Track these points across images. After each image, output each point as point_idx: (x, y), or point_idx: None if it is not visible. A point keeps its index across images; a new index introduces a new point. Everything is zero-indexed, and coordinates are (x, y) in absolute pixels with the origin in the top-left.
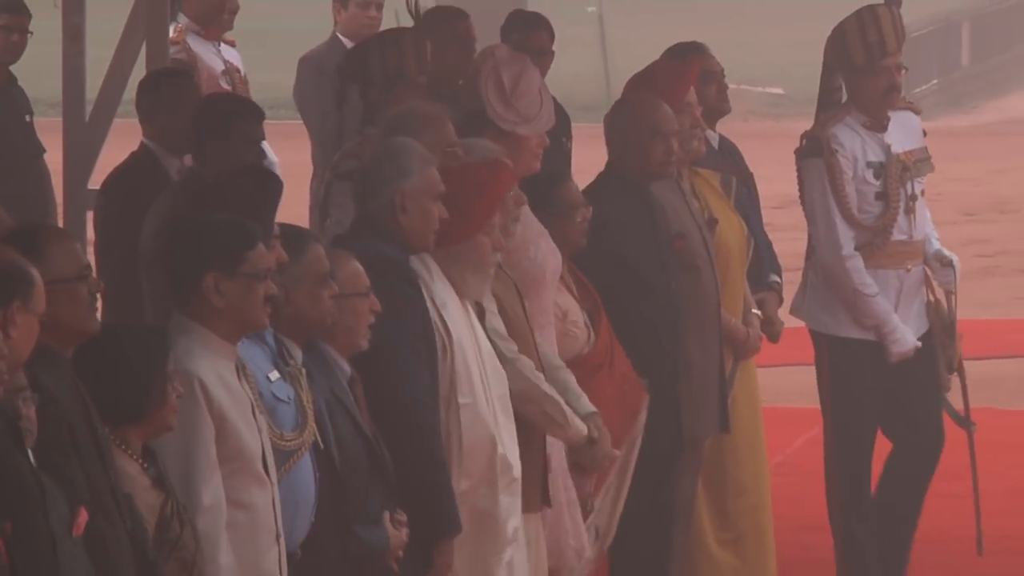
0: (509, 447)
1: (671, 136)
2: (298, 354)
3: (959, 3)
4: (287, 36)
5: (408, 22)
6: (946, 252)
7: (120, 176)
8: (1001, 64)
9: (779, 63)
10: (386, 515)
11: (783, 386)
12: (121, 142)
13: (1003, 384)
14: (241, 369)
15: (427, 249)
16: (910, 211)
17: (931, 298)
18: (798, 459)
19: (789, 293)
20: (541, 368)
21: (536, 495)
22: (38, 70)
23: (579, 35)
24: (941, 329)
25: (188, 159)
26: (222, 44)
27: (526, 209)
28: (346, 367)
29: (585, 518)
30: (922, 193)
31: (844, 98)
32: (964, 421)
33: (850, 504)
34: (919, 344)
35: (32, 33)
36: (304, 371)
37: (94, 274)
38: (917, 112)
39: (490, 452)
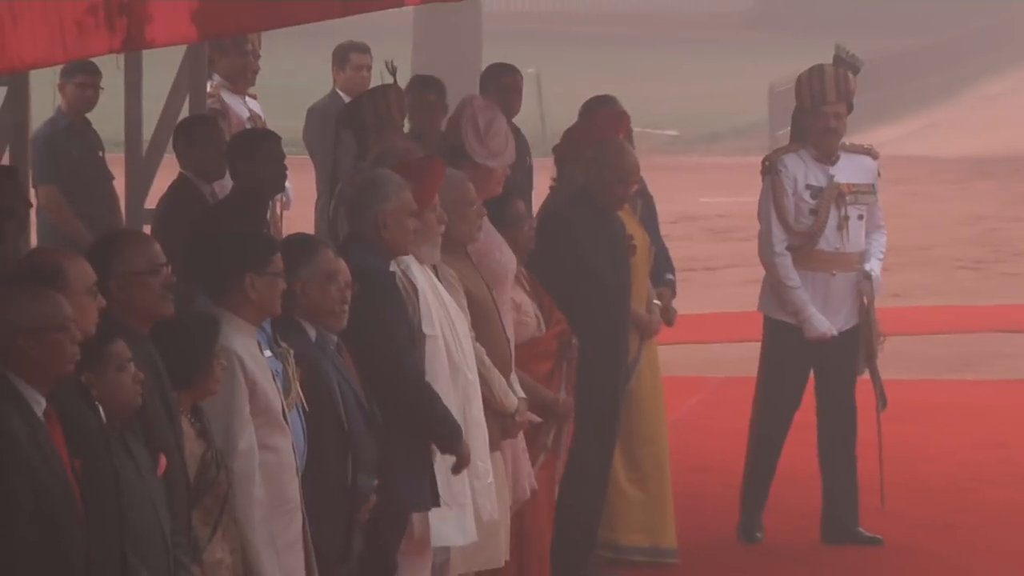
0: (467, 376)
1: (634, 182)
2: (312, 333)
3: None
4: (298, 91)
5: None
6: (868, 268)
7: (167, 198)
8: None
9: (674, 111)
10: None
11: (679, 360)
12: (170, 173)
13: None
14: (260, 345)
15: (405, 254)
16: (842, 228)
17: (865, 302)
18: (690, 416)
19: (680, 287)
20: (509, 342)
21: (493, 436)
22: (107, 116)
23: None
24: (866, 327)
25: (217, 185)
26: (247, 97)
27: (488, 223)
28: (333, 338)
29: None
30: (859, 217)
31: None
32: (881, 398)
33: (757, 458)
34: (834, 332)
35: (103, 88)
36: (292, 351)
37: (169, 270)
38: (874, 157)
39: (449, 376)
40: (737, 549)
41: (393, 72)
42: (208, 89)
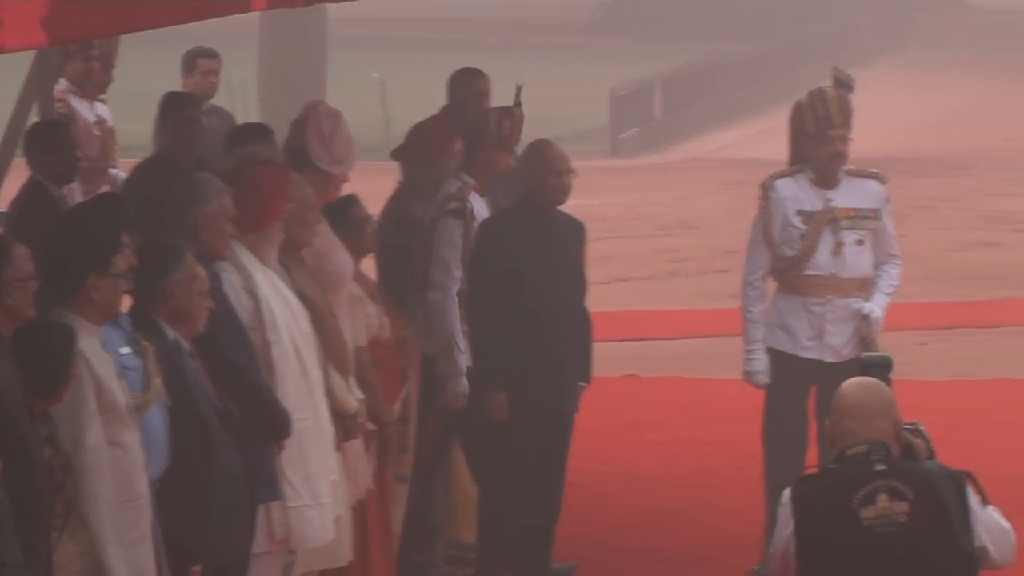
0: (313, 374)
1: (565, 171)
2: (170, 335)
3: (654, 70)
4: (147, 96)
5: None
6: (867, 310)
7: (19, 202)
8: (685, 116)
9: (544, 115)
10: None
11: None
12: (18, 177)
13: (688, 359)
14: (103, 344)
15: (223, 258)
16: (838, 253)
17: (863, 338)
18: None
19: None
20: (346, 344)
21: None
22: None
23: (365, 95)
24: None
25: (67, 188)
26: (96, 101)
27: (326, 227)
28: (186, 345)
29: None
30: (858, 242)
31: None
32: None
33: (769, 477)
34: (766, 382)
35: None
36: (152, 348)
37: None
38: (882, 181)
39: (299, 378)
40: (574, 545)
41: (517, 92)
42: (56, 94)
